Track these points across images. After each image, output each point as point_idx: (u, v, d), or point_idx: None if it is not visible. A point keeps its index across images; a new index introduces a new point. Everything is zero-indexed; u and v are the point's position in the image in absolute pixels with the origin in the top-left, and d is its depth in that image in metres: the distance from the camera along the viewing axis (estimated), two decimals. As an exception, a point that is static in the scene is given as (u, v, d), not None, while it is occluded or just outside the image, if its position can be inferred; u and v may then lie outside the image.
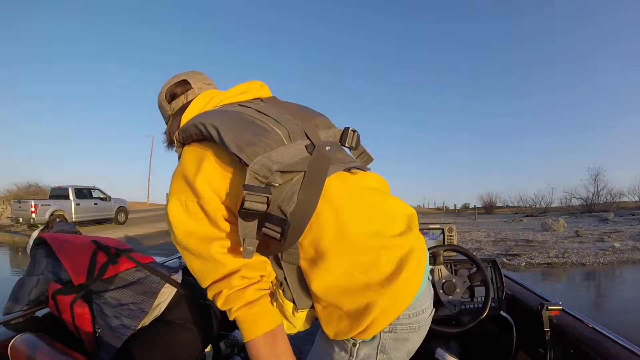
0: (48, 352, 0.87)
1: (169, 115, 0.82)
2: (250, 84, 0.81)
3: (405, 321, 0.65)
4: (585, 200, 19.20)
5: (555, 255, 7.31)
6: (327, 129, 0.75)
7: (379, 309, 0.60)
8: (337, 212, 0.62)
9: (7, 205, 16.27)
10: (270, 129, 0.65)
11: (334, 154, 0.69)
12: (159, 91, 0.83)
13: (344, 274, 0.61)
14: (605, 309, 4.60)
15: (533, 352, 1.28)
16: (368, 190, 0.69)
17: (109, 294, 1.14)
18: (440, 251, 1.38)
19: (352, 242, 0.61)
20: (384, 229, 0.65)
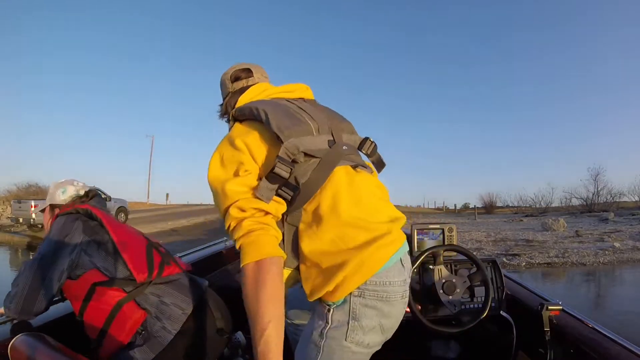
0: (48, 352, 0.87)
1: (228, 92, 0.99)
2: (298, 86, 0.99)
3: (372, 287, 0.75)
4: (585, 200, 19.25)
5: (555, 255, 7.32)
6: (350, 134, 0.91)
7: (348, 270, 0.72)
8: (335, 193, 0.78)
9: (7, 205, 16.27)
10: (304, 121, 0.82)
11: (348, 153, 0.85)
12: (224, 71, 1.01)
13: (329, 241, 0.75)
14: (605, 309, 4.61)
15: (533, 352, 1.28)
16: (364, 185, 0.84)
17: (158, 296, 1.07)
18: (440, 251, 1.38)
19: (341, 218, 0.76)
20: (368, 216, 0.79)
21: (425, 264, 1.44)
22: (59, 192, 1.22)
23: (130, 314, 1.03)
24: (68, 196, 1.21)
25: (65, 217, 1.10)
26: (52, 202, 1.22)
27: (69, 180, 1.27)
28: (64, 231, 1.06)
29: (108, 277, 1.05)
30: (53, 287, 1.01)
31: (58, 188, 1.23)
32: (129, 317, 1.03)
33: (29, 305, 1.00)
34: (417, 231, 1.58)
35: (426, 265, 1.44)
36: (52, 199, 1.22)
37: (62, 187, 1.23)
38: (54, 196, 1.22)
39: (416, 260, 1.34)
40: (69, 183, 1.24)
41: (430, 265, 1.42)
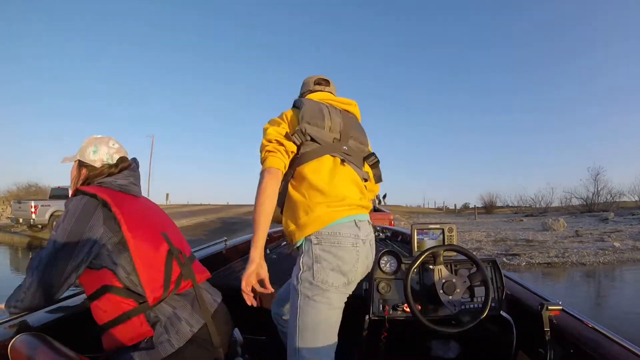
0: (48, 352, 0.87)
1: (308, 89, 1.36)
2: (349, 101, 1.35)
3: (326, 237, 1.05)
4: (585, 200, 19.24)
5: (555, 255, 7.31)
6: (359, 144, 1.26)
7: (307, 218, 1.06)
8: (318, 168, 1.13)
9: (7, 205, 16.27)
10: (324, 121, 1.18)
11: (346, 153, 1.19)
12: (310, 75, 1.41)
13: (301, 195, 1.11)
14: (605, 309, 4.60)
15: (533, 352, 1.28)
16: (341, 173, 1.15)
17: (173, 307, 1.03)
18: (440, 251, 1.38)
19: (313, 184, 1.10)
20: (331, 190, 1.09)
21: (425, 264, 1.44)
22: (91, 149, 1.13)
23: (137, 327, 0.99)
24: (98, 158, 1.12)
25: (86, 199, 1.01)
26: (81, 159, 1.13)
27: (106, 138, 1.17)
28: (84, 217, 0.99)
29: (121, 284, 1.00)
30: (70, 278, 0.97)
31: (91, 144, 1.14)
32: (136, 329, 0.99)
33: (43, 297, 0.97)
34: (417, 231, 1.58)
35: (426, 265, 1.44)
36: (82, 154, 1.13)
37: (96, 144, 1.13)
38: (84, 152, 1.13)
39: (416, 260, 1.34)
40: (104, 142, 1.15)
41: (430, 265, 1.42)
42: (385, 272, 1.47)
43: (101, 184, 1.08)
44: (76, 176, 1.14)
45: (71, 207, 1.00)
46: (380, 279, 1.45)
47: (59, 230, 0.98)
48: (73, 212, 0.99)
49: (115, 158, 1.14)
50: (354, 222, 1.09)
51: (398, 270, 1.48)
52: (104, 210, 1.01)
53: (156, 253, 1.05)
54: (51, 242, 0.98)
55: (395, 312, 1.40)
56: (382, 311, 1.40)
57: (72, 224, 0.98)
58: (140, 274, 0.98)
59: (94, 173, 1.11)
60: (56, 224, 1.00)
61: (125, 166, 1.15)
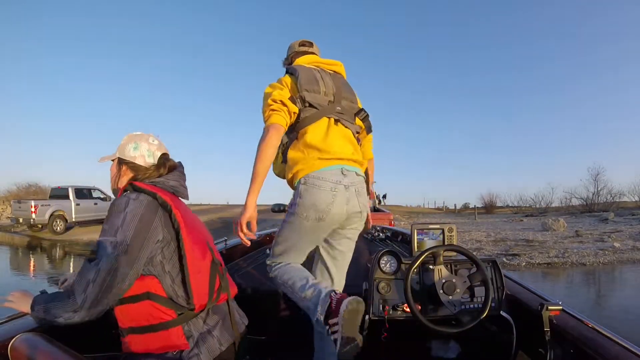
0: (48, 352, 0.87)
1: (294, 51, 1.51)
2: (336, 62, 1.49)
3: (311, 180, 1.24)
4: (585, 200, 19.22)
5: (555, 255, 7.31)
6: (350, 102, 1.41)
7: (301, 166, 1.26)
8: (314, 129, 1.30)
9: (7, 205, 16.27)
10: (318, 85, 1.33)
11: (339, 112, 1.36)
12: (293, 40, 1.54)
13: (299, 151, 1.29)
14: (605, 309, 4.60)
15: (533, 352, 1.28)
16: (334, 131, 1.32)
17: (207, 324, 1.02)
18: (440, 251, 1.38)
19: (308, 142, 1.28)
20: (324, 146, 1.27)
21: (425, 264, 1.44)
22: (130, 146, 1.08)
23: (172, 338, 0.96)
24: (139, 154, 1.07)
25: (147, 200, 0.95)
26: (121, 156, 1.09)
27: (145, 135, 1.12)
28: (147, 219, 0.93)
29: (165, 293, 0.96)
30: (128, 286, 0.91)
31: (131, 141, 1.08)
32: (170, 340, 0.96)
33: (99, 310, 0.89)
34: (417, 231, 1.58)
35: (426, 265, 1.44)
36: (122, 151, 1.08)
37: (135, 141, 1.08)
38: (124, 149, 1.08)
39: (416, 260, 1.34)
40: (144, 139, 1.09)
41: (430, 265, 1.42)
42: (385, 272, 1.47)
43: (155, 184, 1.02)
44: (116, 174, 1.10)
45: (131, 207, 0.92)
46: (380, 279, 1.45)
47: (119, 233, 0.90)
48: (134, 213, 0.92)
49: (157, 155, 1.09)
50: (341, 170, 1.26)
51: (398, 270, 1.48)
52: (164, 212, 0.98)
53: (203, 261, 1.04)
54: (109, 246, 0.89)
55: (395, 312, 1.40)
56: (382, 311, 1.40)
57: (136, 227, 0.91)
58: (191, 280, 0.96)
59: (139, 170, 1.06)
60: (110, 226, 0.91)
61: (172, 165, 1.11)
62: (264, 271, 1.89)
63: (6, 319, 1.07)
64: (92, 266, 0.88)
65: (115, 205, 0.95)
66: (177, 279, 0.98)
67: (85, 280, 0.87)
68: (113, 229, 0.91)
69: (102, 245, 0.90)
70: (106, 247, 0.89)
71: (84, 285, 0.87)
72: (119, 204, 0.94)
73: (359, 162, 1.34)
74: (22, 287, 1.05)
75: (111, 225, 0.91)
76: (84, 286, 0.87)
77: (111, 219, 0.93)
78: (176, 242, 0.98)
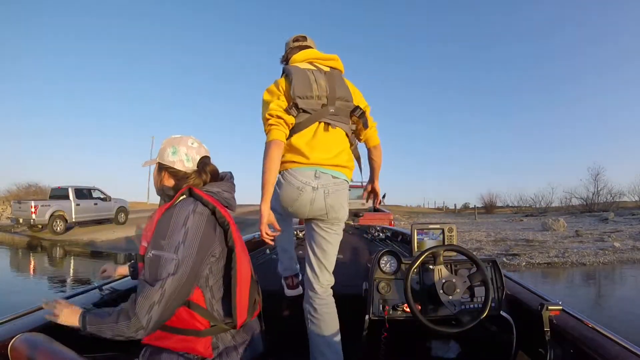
0: (48, 352, 0.87)
1: (289, 47, 1.56)
2: (333, 56, 1.53)
3: (287, 175, 1.36)
4: (585, 200, 19.22)
5: (555, 255, 7.31)
6: (344, 102, 1.43)
7: (285, 163, 1.37)
8: (305, 134, 1.38)
9: (7, 205, 16.27)
10: (312, 89, 1.36)
11: (333, 114, 1.40)
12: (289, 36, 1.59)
13: (289, 151, 1.38)
14: (605, 309, 4.60)
15: (533, 352, 1.28)
16: (324, 137, 1.39)
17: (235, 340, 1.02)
18: (440, 251, 1.38)
19: (294, 145, 1.37)
20: (308, 150, 1.36)
21: (425, 264, 1.44)
22: (169, 150, 1.06)
23: (200, 345, 0.96)
24: (178, 159, 1.05)
25: (207, 215, 0.96)
26: (160, 161, 1.08)
27: (184, 137, 1.10)
28: (208, 235, 0.95)
29: (204, 305, 0.97)
30: (188, 295, 0.92)
31: (169, 145, 1.07)
32: (197, 347, 0.96)
33: (163, 319, 0.89)
34: (417, 231, 1.58)
35: (426, 265, 1.44)
36: (161, 156, 1.07)
37: (174, 145, 1.07)
38: (163, 154, 1.07)
39: (416, 260, 1.34)
40: (182, 142, 1.07)
41: (430, 265, 1.41)
42: (385, 272, 1.47)
43: (212, 195, 1.01)
44: (157, 180, 1.09)
45: (192, 223, 0.92)
46: (380, 279, 1.45)
47: (181, 251, 0.89)
48: (196, 229, 0.92)
49: (196, 159, 1.07)
50: (314, 172, 1.35)
51: (398, 270, 1.48)
52: (221, 229, 0.99)
53: (248, 279, 1.06)
54: (170, 265, 0.88)
55: (395, 312, 1.40)
56: (382, 311, 1.40)
57: (198, 245, 0.92)
58: (237, 299, 0.97)
59: (179, 175, 1.05)
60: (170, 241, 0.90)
61: (214, 170, 1.10)
62: (264, 271, 1.89)
63: (6, 319, 1.07)
64: (156, 287, 0.86)
65: (174, 216, 0.93)
66: (217, 295, 0.99)
67: (149, 302, 0.86)
68: (173, 245, 0.89)
69: (163, 262, 0.88)
70: (168, 265, 0.88)
71: (147, 306, 0.86)
72: (178, 216, 0.92)
73: (340, 166, 1.39)
74: (23, 288, 1.04)
75: (171, 241, 0.90)
76: (148, 307, 0.86)
77: (170, 232, 0.91)
78: (224, 260, 1.00)
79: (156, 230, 0.93)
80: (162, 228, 0.92)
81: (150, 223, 0.98)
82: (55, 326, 1.09)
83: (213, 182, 1.07)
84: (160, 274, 0.87)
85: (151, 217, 1.00)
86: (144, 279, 0.90)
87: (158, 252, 0.89)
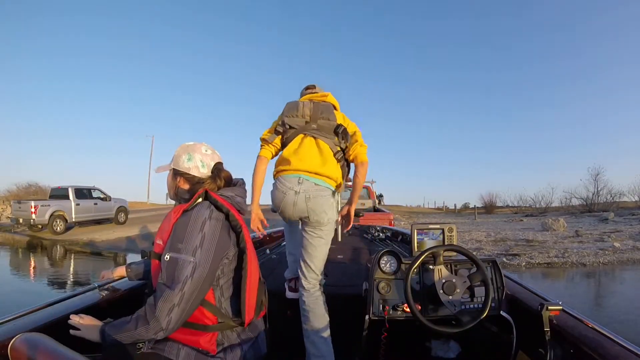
0: (48, 352, 0.87)
1: (300, 94, 1.84)
2: (324, 93, 1.77)
3: (277, 182, 1.60)
4: (585, 200, 19.21)
5: (555, 255, 7.31)
6: (327, 121, 1.63)
7: (275, 170, 1.65)
8: (291, 145, 1.62)
9: (7, 205, 16.26)
10: (297, 109, 1.64)
11: (314, 129, 1.62)
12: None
13: (279, 162, 1.64)
14: (605, 309, 4.60)
15: (533, 352, 1.28)
16: (307, 148, 1.60)
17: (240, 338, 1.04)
18: (440, 251, 1.38)
19: (283, 156, 1.63)
20: (294, 160, 1.57)
21: (425, 264, 1.44)
22: (184, 157, 1.09)
23: (205, 339, 0.98)
24: (193, 165, 1.09)
25: (222, 220, 1.00)
26: (175, 167, 1.11)
27: (198, 145, 1.13)
28: (224, 239, 0.98)
29: (215, 303, 0.99)
30: (203, 297, 0.95)
31: (184, 152, 1.10)
32: (201, 340, 0.98)
33: (181, 319, 0.91)
34: (417, 231, 1.58)
35: (426, 265, 1.44)
36: (176, 162, 1.10)
37: (189, 152, 1.10)
38: (178, 160, 1.10)
39: (416, 260, 1.34)
40: (197, 149, 1.11)
41: (430, 265, 1.41)
42: (385, 272, 1.47)
43: (227, 199, 1.05)
44: (172, 185, 1.12)
45: (209, 228, 0.95)
46: (380, 279, 1.45)
47: (199, 254, 0.92)
48: (213, 234, 0.95)
49: (211, 165, 1.11)
50: (299, 178, 1.54)
51: (398, 270, 1.48)
52: (234, 233, 1.03)
53: (257, 280, 1.09)
54: (188, 267, 0.90)
55: (395, 312, 1.40)
56: (382, 311, 1.40)
57: (215, 249, 0.95)
58: (247, 299, 1.00)
59: (194, 181, 1.09)
60: (187, 245, 0.92)
61: (227, 176, 1.14)
62: (264, 271, 1.89)
63: (6, 319, 1.07)
64: (175, 290, 0.88)
65: (192, 220, 0.95)
66: (227, 294, 1.02)
67: (169, 305, 0.88)
68: (191, 249, 0.92)
69: (180, 265, 0.90)
70: (186, 268, 0.90)
71: (167, 309, 0.88)
72: (196, 220, 0.95)
73: (324, 175, 1.57)
74: (24, 288, 1.05)
75: (189, 244, 0.92)
76: (168, 310, 0.88)
77: (188, 236, 0.93)
78: (236, 262, 1.04)
79: (173, 232, 0.96)
80: (179, 231, 0.95)
81: (167, 222, 1.00)
82: (55, 326, 1.09)
83: (227, 187, 1.12)
84: (178, 276, 0.90)
85: (168, 216, 1.02)
86: (162, 282, 0.92)
87: (176, 254, 0.92)
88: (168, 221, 1.00)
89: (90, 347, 1.06)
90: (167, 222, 1.00)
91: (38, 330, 1.01)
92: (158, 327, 0.88)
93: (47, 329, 1.04)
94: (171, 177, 1.13)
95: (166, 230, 0.99)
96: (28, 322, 1.08)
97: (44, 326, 1.06)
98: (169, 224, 0.99)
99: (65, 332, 1.06)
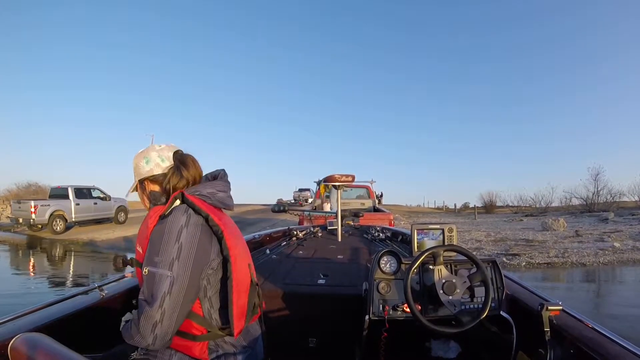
0: (48, 352, 0.86)
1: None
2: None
3: None
4: (585, 200, 19.21)
5: (555, 255, 7.31)
6: None
7: None
8: None
9: (7, 205, 16.26)
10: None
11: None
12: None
13: None
14: (605, 310, 4.60)
15: (533, 352, 1.28)
16: None
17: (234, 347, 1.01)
18: (440, 251, 1.38)
19: None
20: None
21: (425, 264, 1.44)
22: (142, 163, 1.04)
23: (196, 349, 0.96)
24: (154, 165, 1.03)
25: (201, 225, 0.93)
26: (139, 177, 1.05)
27: (150, 146, 1.06)
28: (203, 249, 0.92)
29: (202, 313, 0.96)
30: (189, 308, 0.92)
31: (140, 159, 1.04)
32: (193, 350, 0.96)
33: (169, 333, 0.88)
34: (417, 231, 1.58)
35: (426, 265, 1.44)
36: (138, 173, 1.05)
37: (144, 156, 1.04)
38: (138, 169, 1.04)
39: (416, 260, 1.34)
40: (150, 150, 1.05)
41: (430, 265, 1.41)
42: (385, 272, 1.47)
43: (205, 198, 0.97)
44: (143, 195, 1.08)
45: (186, 236, 0.89)
46: (380, 279, 1.45)
47: (176, 267, 0.87)
48: (190, 243, 0.89)
49: (169, 156, 1.05)
50: None
51: (398, 271, 1.48)
52: (216, 240, 0.96)
53: (246, 286, 1.03)
54: (166, 282, 0.86)
55: (395, 312, 1.40)
56: (382, 311, 1.40)
57: (194, 259, 0.89)
58: (234, 310, 0.95)
59: (161, 179, 1.02)
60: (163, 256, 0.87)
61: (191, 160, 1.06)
62: (264, 271, 1.89)
63: (6, 319, 1.07)
64: (154, 307, 0.85)
65: (167, 228, 0.90)
66: (216, 306, 0.97)
67: (151, 322, 0.85)
68: (167, 262, 0.87)
69: (158, 280, 0.86)
70: (163, 283, 0.86)
71: (150, 327, 0.85)
72: (171, 229, 0.89)
73: None
74: (23, 288, 1.05)
75: (165, 257, 0.87)
76: (152, 327, 0.85)
77: (163, 247, 0.88)
78: (222, 272, 0.97)
79: (150, 243, 0.91)
80: (156, 242, 0.90)
81: (145, 227, 0.96)
82: (55, 326, 1.09)
83: (207, 182, 1.03)
84: (156, 292, 0.86)
85: (145, 219, 0.97)
86: (142, 298, 0.89)
87: (153, 269, 0.87)
88: (145, 226, 0.96)
89: (91, 347, 1.06)
90: (145, 227, 0.96)
91: (38, 330, 1.01)
92: (145, 343, 0.86)
93: (47, 329, 1.04)
94: (139, 190, 1.08)
95: (145, 237, 0.94)
96: (28, 322, 1.08)
97: (44, 326, 1.06)
98: (146, 230, 0.95)
99: (65, 332, 1.06)
